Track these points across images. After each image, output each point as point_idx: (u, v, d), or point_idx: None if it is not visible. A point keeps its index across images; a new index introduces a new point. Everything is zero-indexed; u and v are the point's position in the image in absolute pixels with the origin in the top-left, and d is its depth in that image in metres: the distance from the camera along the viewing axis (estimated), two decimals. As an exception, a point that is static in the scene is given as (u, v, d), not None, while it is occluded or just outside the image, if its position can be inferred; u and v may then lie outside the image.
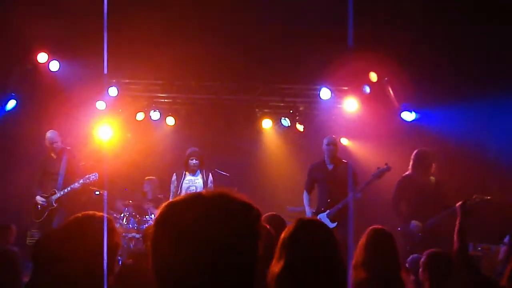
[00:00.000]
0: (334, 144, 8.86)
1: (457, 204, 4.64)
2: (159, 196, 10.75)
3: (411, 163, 8.11)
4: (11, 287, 3.97)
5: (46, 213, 8.87)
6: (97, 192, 10.30)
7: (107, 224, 2.78)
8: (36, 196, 8.97)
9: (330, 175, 8.71)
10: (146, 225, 9.42)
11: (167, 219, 1.58)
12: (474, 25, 8.21)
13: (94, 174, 9.06)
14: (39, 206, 8.91)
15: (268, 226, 3.73)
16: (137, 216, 10.03)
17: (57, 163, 9.10)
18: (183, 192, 8.97)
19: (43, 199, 8.90)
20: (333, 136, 9.07)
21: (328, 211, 8.40)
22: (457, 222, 4.44)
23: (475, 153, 8.69)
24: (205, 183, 9.15)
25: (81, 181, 8.97)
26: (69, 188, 8.92)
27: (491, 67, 8.49)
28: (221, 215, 1.54)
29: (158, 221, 1.60)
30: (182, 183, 9.21)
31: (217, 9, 9.09)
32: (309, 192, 8.98)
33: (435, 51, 8.83)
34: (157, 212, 1.62)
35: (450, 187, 8.01)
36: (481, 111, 8.41)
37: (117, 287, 3.70)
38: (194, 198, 1.61)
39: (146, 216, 10.11)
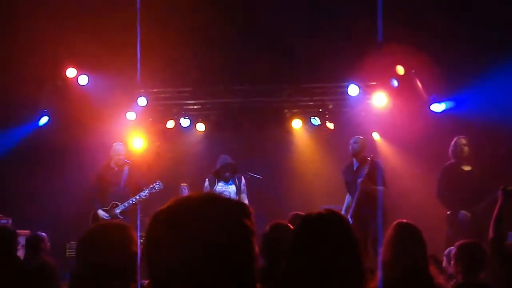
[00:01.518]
0: (355, 143, 8.86)
1: (500, 188, 4.51)
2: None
3: (450, 152, 8.06)
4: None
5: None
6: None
7: (124, 233, 2.82)
8: (96, 209, 8.83)
9: (355, 174, 8.70)
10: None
11: (155, 225, 1.59)
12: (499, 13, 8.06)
13: (157, 182, 9.02)
14: (105, 217, 8.76)
15: (292, 227, 3.71)
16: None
17: (119, 175, 9.02)
18: None
19: (106, 214, 8.77)
20: (359, 136, 9.01)
21: (350, 212, 8.36)
22: (496, 209, 4.32)
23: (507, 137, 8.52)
24: (238, 188, 9.06)
25: (146, 190, 8.91)
26: (134, 199, 8.87)
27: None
28: (209, 213, 1.53)
29: (149, 227, 1.61)
30: (215, 188, 9.11)
31: (242, 12, 9.10)
32: (348, 193, 8.89)
33: (461, 41, 8.69)
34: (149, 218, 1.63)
35: (490, 174, 7.88)
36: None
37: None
38: (181, 200, 1.62)
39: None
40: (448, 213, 7.90)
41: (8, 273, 4.51)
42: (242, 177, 9.30)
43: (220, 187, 9.12)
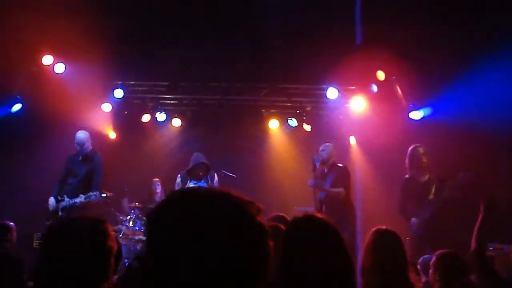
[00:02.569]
0: (323, 150, 9.10)
1: (481, 200, 4.51)
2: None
3: (407, 163, 8.18)
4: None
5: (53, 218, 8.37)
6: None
7: (99, 227, 2.67)
8: (51, 197, 8.47)
9: (323, 177, 8.97)
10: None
11: (163, 216, 1.51)
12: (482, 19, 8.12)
13: (95, 193, 8.29)
14: (49, 208, 8.43)
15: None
16: (144, 218, 9.96)
17: (81, 167, 8.64)
18: None
19: (53, 205, 8.42)
20: (326, 143, 9.24)
21: None
22: (478, 222, 4.33)
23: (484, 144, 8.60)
24: (209, 186, 8.96)
25: (82, 198, 8.20)
26: (73, 201, 8.26)
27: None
28: (222, 210, 1.46)
29: (155, 217, 1.53)
30: (186, 185, 8.97)
31: (222, 9, 9.03)
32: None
33: (442, 49, 8.74)
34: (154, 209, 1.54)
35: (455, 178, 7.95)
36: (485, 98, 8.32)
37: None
38: (192, 195, 1.53)
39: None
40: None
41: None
42: (215, 175, 9.21)
43: (192, 185, 8.97)
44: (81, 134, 8.74)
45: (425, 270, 4.86)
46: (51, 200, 8.46)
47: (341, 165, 9.02)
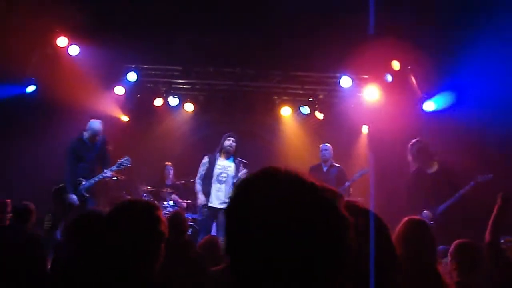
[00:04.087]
0: (326, 150, 9.67)
1: (498, 194, 4.52)
2: (177, 182, 10.75)
3: (412, 157, 8.14)
4: (37, 271, 3.98)
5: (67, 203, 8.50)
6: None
7: (154, 213, 2.84)
8: (70, 195, 8.53)
9: (324, 175, 9.29)
10: (165, 212, 9.33)
11: (245, 198, 1.46)
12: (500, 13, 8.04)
13: (126, 158, 8.78)
14: (73, 203, 8.48)
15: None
16: (156, 202, 9.99)
17: (91, 150, 8.79)
18: (214, 178, 8.84)
19: (75, 199, 8.50)
20: (327, 144, 9.72)
21: None
22: (494, 215, 4.33)
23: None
24: (236, 172, 8.94)
25: (114, 167, 8.68)
26: (100, 177, 8.59)
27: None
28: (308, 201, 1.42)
29: (236, 199, 1.48)
30: (214, 167, 8.98)
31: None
32: None
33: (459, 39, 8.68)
34: (234, 189, 1.51)
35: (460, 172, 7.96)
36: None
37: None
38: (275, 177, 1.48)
39: (165, 202, 10.09)
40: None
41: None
42: (242, 165, 9.11)
43: (220, 167, 8.97)
44: (97, 124, 8.83)
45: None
46: (73, 198, 8.52)
47: (338, 165, 9.61)
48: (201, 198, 8.75)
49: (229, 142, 9.00)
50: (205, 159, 9.09)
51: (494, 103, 8.21)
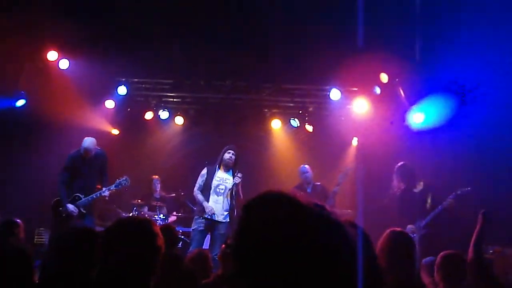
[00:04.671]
0: (307, 172, 9.80)
1: (480, 212, 4.60)
2: (166, 195, 10.76)
3: (400, 177, 8.42)
4: (24, 285, 3.97)
5: (64, 214, 8.52)
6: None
7: (152, 228, 2.94)
8: (63, 198, 8.56)
9: (310, 195, 9.32)
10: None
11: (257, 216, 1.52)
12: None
13: (124, 178, 8.80)
14: (70, 213, 8.49)
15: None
16: (146, 215, 10.01)
17: (86, 166, 8.78)
18: (212, 190, 8.77)
19: (74, 209, 8.53)
20: (306, 165, 9.86)
21: None
22: (476, 232, 4.40)
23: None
24: (233, 186, 8.82)
25: (112, 187, 8.68)
26: (98, 195, 8.60)
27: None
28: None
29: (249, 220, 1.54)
30: (213, 179, 8.88)
31: (226, 8, 9.07)
32: None
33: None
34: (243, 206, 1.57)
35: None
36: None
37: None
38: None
39: (155, 216, 10.10)
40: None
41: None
42: (240, 180, 9.03)
43: (218, 179, 8.87)
44: (88, 142, 8.81)
45: (429, 271, 4.91)
46: (70, 207, 8.54)
47: (318, 183, 9.78)
48: (208, 207, 8.65)
49: (229, 155, 8.96)
50: (204, 171, 9.01)
51: (484, 118, 8.33)
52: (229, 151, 8.99)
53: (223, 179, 8.88)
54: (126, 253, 2.80)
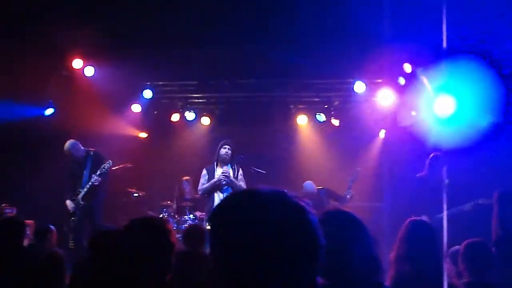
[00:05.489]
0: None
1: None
2: (197, 196, 10.83)
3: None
4: None
5: (78, 212, 8.84)
6: (135, 194, 10.45)
7: (164, 226, 3.04)
8: (66, 200, 8.97)
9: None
10: (185, 225, 9.40)
11: (227, 218, 1.59)
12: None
13: (107, 162, 8.90)
14: (70, 209, 8.90)
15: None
16: (176, 216, 10.09)
17: (83, 165, 9.03)
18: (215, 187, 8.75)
19: (72, 204, 8.90)
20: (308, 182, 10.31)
21: None
22: (495, 213, 4.36)
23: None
24: (235, 176, 8.80)
25: (98, 172, 8.78)
26: (90, 184, 8.77)
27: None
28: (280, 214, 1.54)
29: (216, 218, 1.63)
30: (214, 177, 8.81)
31: (246, 5, 9.08)
32: None
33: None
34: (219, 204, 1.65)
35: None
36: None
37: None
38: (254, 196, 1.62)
39: (185, 216, 10.16)
40: None
41: (16, 262, 4.54)
42: (240, 169, 9.11)
43: (219, 172, 8.81)
44: (67, 146, 9.02)
45: (454, 260, 4.87)
46: (68, 202, 8.91)
47: (321, 186, 10.28)
48: (219, 176, 8.70)
49: (224, 150, 8.88)
50: (204, 171, 8.99)
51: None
52: (225, 146, 8.93)
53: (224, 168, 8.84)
54: (140, 251, 2.88)
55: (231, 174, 8.78)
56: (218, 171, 8.83)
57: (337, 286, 2.49)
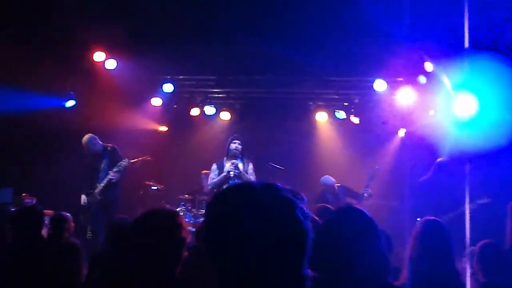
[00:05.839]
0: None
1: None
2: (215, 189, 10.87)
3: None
4: (73, 278, 4.13)
5: (94, 206, 9.03)
6: (153, 187, 10.51)
7: (175, 219, 3.03)
8: (82, 193, 9.18)
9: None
10: (202, 219, 9.44)
11: (214, 209, 1.64)
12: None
13: (124, 160, 9.09)
14: (84, 203, 9.11)
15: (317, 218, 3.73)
16: (193, 210, 10.12)
17: (100, 160, 9.19)
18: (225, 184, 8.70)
19: (86, 198, 9.11)
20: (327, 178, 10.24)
21: None
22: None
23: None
24: (245, 170, 8.83)
25: (114, 169, 8.99)
26: (107, 179, 8.97)
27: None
28: (269, 204, 1.58)
29: (207, 211, 1.67)
30: (224, 168, 8.88)
31: (267, 2, 9.09)
32: None
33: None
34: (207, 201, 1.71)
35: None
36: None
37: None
38: (243, 189, 1.66)
39: (202, 210, 10.19)
40: None
41: (34, 251, 4.61)
42: (250, 163, 9.13)
43: (228, 166, 8.86)
44: (85, 139, 9.19)
45: (470, 261, 4.86)
46: (83, 197, 9.15)
47: (338, 184, 10.19)
48: (228, 167, 8.74)
49: (234, 145, 8.91)
50: (214, 166, 9.03)
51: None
52: (235, 141, 8.97)
53: (233, 163, 8.82)
54: (151, 244, 2.89)
55: (241, 168, 8.81)
56: (228, 165, 8.86)
57: (338, 281, 2.51)
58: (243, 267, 1.53)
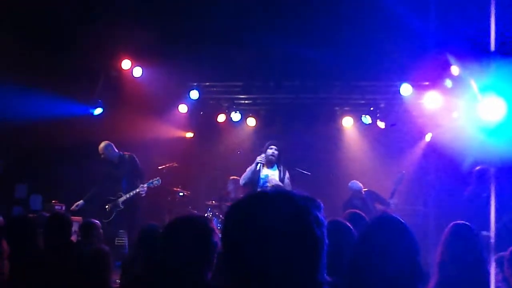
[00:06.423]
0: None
1: None
2: (242, 195, 10.89)
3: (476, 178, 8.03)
4: (103, 284, 4.19)
5: (114, 213, 9.04)
6: (181, 194, 10.58)
7: (207, 225, 3.06)
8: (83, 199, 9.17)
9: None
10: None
11: (229, 217, 1.68)
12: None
13: (157, 179, 9.12)
14: (107, 208, 9.09)
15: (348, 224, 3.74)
16: (220, 216, 10.17)
17: (120, 168, 9.21)
18: (258, 187, 8.63)
19: (109, 203, 9.12)
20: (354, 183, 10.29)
21: None
22: None
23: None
24: (281, 179, 8.78)
25: (145, 185, 8.99)
26: (133, 192, 8.96)
27: None
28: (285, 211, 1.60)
29: (225, 219, 1.71)
30: (259, 177, 8.77)
31: (293, 7, 9.11)
32: None
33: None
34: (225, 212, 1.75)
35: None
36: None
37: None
38: (258, 197, 1.71)
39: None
40: None
41: (64, 258, 4.68)
42: (287, 171, 9.11)
43: (263, 176, 8.79)
44: (102, 146, 9.23)
45: (500, 266, 4.80)
46: (80, 203, 9.11)
47: (365, 189, 10.19)
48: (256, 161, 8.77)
49: (271, 151, 8.84)
50: (254, 165, 8.85)
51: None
52: (271, 146, 8.87)
53: (268, 176, 8.78)
54: (183, 249, 2.93)
55: (277, 176, 8.78)
56: (264, 171, 8.81)
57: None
58: (254, 274, 1.56)
